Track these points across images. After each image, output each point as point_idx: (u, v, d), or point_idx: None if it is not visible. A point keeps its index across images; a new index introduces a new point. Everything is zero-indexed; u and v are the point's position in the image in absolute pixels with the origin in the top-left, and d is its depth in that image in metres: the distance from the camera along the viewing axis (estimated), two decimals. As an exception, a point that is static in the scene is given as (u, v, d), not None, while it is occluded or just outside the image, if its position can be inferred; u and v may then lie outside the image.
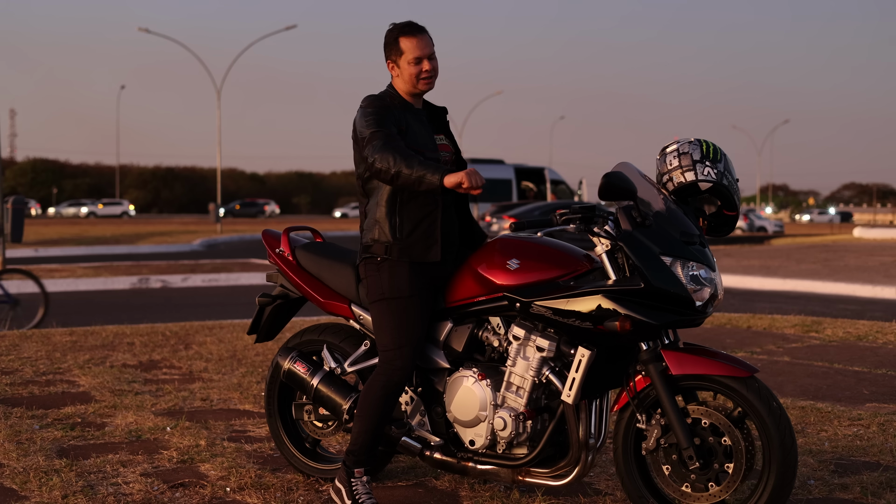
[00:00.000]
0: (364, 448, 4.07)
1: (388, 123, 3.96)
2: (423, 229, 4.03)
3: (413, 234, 4.03)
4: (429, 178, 3.78)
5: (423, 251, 4.03)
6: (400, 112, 4.04)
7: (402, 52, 4.01)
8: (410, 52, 4.00)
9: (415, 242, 4.03)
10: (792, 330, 9.38)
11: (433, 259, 4.03)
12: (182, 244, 30.12)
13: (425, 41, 4.02)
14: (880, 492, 4.34)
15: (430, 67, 4.02)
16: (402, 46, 4.01)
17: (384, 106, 4.02)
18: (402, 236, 4.03)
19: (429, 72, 4.02)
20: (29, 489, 4.35)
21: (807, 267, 19.49)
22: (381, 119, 3.96)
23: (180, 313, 11.65)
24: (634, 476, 3.92)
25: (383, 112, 3.98)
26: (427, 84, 4.05)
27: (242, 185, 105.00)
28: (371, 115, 3.97)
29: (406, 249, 4.03)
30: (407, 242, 4.03)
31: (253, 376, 6.97)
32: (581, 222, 3.86)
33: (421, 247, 4.03)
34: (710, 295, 3.77)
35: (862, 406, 6.08)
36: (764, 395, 3.65)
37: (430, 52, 4.03)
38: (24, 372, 7.10)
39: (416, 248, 4.03)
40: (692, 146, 3.96)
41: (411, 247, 4.03)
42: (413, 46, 4.00)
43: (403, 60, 4.02)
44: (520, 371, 3.96)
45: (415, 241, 4.03)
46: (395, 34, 4.03)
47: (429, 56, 4.02)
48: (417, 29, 4.03)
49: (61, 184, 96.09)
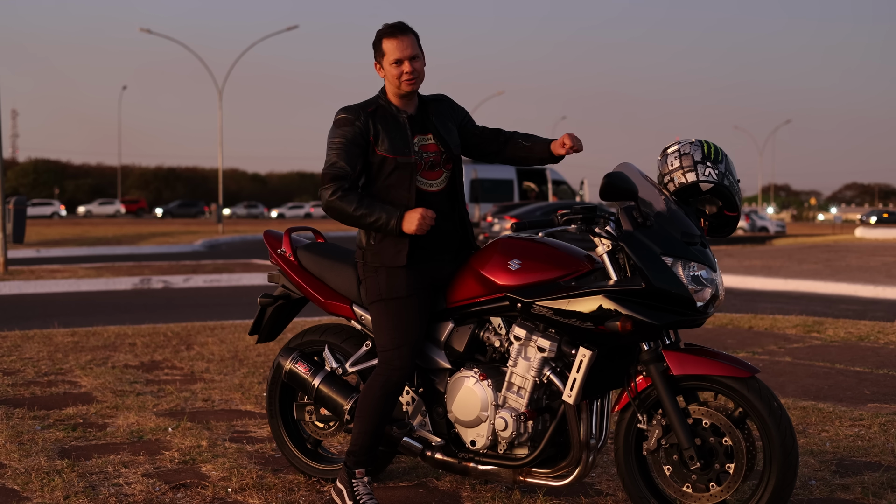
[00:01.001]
0: (364, 448, 4.08)
1: (348, 153, 3.99)
2: (392, 235, 4.03)
3: (384, 241, 4.05)
4: (384, 226, 3.95)
5: (392, 256, 4.04)
6: (371, 121, 4.03)
7: (385, 54, 4.03)
8: (391, 54, 4.01)
9: (385, 248, 4.06)
10: (793, 330, 9.38)
11: (400, 263, 4.03)
12: (184, 245, 30.12)
13: (405, 43, 4.02)
14: (882, 492, 4.34)
15: (410, 69, 4.01)
16: (385, 48, 4.03)
17: (350, 122, 4.02)
18: (375, 242, 4.07)
19: (410, 73, 4.01)
20: (31, 490, 4.35)
21: (808, 267, 19.48)
22: (341, 150, 4.00)
23: (182, 314, 11.66)
24: (635, 476, 3.92)
25: (345, 138, 4.01)
26: (410, 85, 4.05)
27: (244, 185, 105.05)
28: (334, 142, 4.03)
29: (378, 255, 4.07)
30: (378, 248, 4.07)
31: (255, 377, 6.97)
32: (582, 223, 3.87)
33: (391, 251, 4.04)
34: (711, 295, 3.77)
35: (863, 406, 6.08)
36: (765, 395, 3.65)
37: (411, 53, 4.02)
38: (26, 372, 7.11)
39: (386, 253, 4.05)
40: (693, 147, 3.96)
41: (382, 252, 4.06)
42: (394, 48, 4.01)
43: (386, 62, 4.03)
44: (521, 371, 3.97)
45: (385, 246, 4.05)
46: (380, 36, 4.06)
47: (410, 57, 4.02)
48: (400, 30, 4.04)
49: (63, 184, 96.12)
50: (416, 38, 4.07)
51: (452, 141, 4.17)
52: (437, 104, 4.22)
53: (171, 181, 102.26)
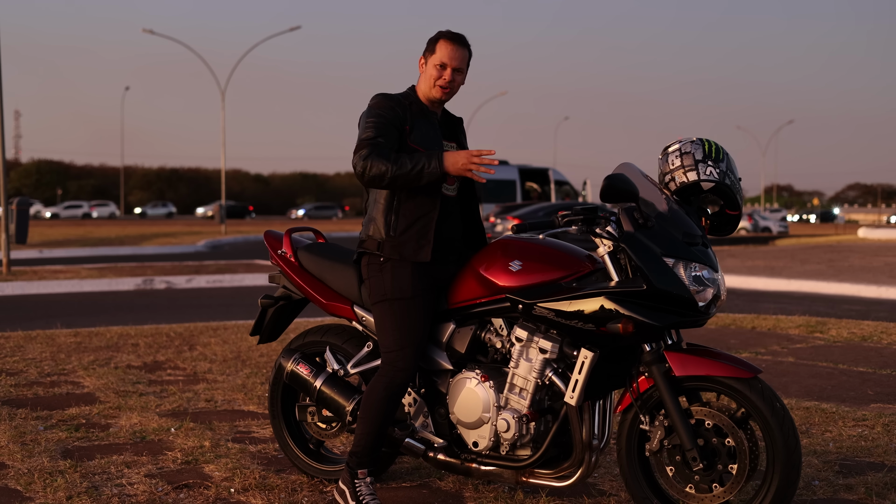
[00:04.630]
0: (367, 449, 4.08)
1: (385, 132, 3.99)
2: (417, 228, 4.04)
3: (406, 233, 4.05)
4: (427, 169, 3.88)
5: (414, 250, 4.04)
6: (408, 113, 4.06)
7: (435, 52, 4.07)
8: (441, 56, 4.05)
9: (407, 241, 4.05)
10: (796, 330, 9.37)
11: (423, 259, 4.04)
12: (186, 245, 30.12)
13: (459, 53, 4.07)
14: (885, 492, 4.34)
15: (450, 78, 4.06)
16: (438, 48, 4.07)
17: (388, 107, 4.04)
18: (396, 234, 4.05)
19: (447, 81, 4.06)
20: (34, 490, 4.36)
21: (811, 267, 19.46)
22: (378, 127, 3.99)
23: (185, 314, 11.66)
24: (638, 477, 3.92)
25: (383, 118, 4.01)
26: (442, 92, 4.08)
27: (247, 186, 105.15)
28: (370, 121, 4.01)
29: (398, 247, 4.05)
30: (399, 240, 4.05)
31: (257, 377, 6.98)
32: (583, 224, 3.87)
33: (413, 245, 4.04)
34: (712, 296, 3.77)
35: (867, 407, 6.07)
36: (767, 395, 3.65)
37: (458, 65, 4.07)
38: (29, 373, 7.11)
39: (407, 246, 4.05)
40: (694, 146, 3.96)
41: (403, 245, 4.05)
42: (446, 52, 4.05)
43: (432, 60, 4.07)
44: (523, 373, 3.96)
45: (407, 239, 4.05)
46: (440, 36, 4.10)
47: (455, 68, 4.06)
48: (459, 40, 4.09)
49: (66, 185, 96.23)
50: (469, 56, 4.13)
51: None
52: (458, 122, 4.31)
53: (173, 182, 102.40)
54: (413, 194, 4.04)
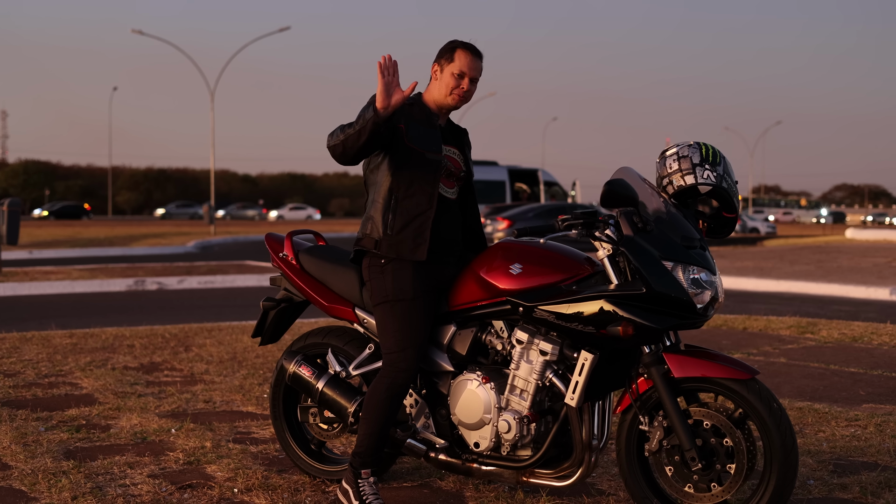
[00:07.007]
0: (370, 450, 4.12)
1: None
2: (413, 227, 4.09)
3: (403, 231, 4.10)
4: (366, 116, 3.89)
5: (411, 249, 4.09)
6: (408, 111, 4.11)
7: (453, 61, 4.12)
8: (461, 65, 4.11)
9: (404, 239, 4.10)
10: (787, 331, 9.45)
11: (420, 258, 4.09)
12: (176, 246, 30.07)
13: (476, 64, 4.14)
14: (879, 491, 4.40)
15: (467, 88, 4.13)
16: (456, 56, 4.12)
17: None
18: (393, 232, 4.10)
19: (464, 90, 4.12)
20: (38, 490, 4.39)
21: (800, 268, 19.56)
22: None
23: (178, 315, 11.67)
24: (638, 477, 3.97)
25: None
26: (456, 101, 4.14)
27: (235, 186, 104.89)
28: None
29: (394, 245, 4.10)
30: (396, 239, 4.10)
31: (254, 378, 7.01)
32: (583, 227, 3.91)
33: (409, 244, 4.09)
34: (710, 298, 3.82)
35: (859, 407, 6.14)
36: (765, 396, 3.70)
37: (475, 75, 4.14)
38: (27, 374, 7.13)
39: (404, 244, 4.10)
40: (692, 150, 4.01)
41: (400, 243, 4.10)
42: (465, 62, 4.11)
43: (449, 69, 4.12)
44: (523, 374, 4.01)
45: (404, 237, 4.10)
46: (456, 45, 4.15)
47: (472, 78, 4.13)
48: (476, 52, 4.15)
49: (53, 185, 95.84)
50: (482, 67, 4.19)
51: (469, 165, 4.31)
52: (463, 133, 4.37)
53: (161, 182, 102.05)
54: (410, 194, 4.09)
